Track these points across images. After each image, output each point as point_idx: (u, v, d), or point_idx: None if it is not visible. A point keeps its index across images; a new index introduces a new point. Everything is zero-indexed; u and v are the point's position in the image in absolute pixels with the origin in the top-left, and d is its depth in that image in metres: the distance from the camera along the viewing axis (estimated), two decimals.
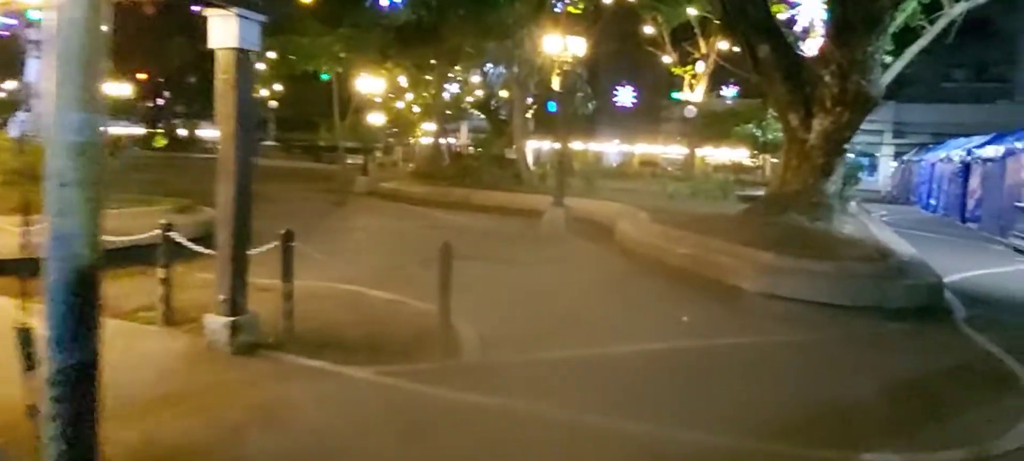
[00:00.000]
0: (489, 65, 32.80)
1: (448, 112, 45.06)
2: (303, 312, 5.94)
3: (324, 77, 34.17)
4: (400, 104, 39.58)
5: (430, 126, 42.94)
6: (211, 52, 5.18)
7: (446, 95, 41.64)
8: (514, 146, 24.55)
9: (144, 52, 53.49)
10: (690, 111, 29.18)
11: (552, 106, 35.30)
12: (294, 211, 16.58)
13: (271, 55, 38.06)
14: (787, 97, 10.42)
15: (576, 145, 36.55)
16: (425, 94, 33.29)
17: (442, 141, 34.41)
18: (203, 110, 64.88)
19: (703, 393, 5.22)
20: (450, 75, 37.05)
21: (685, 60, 29.99)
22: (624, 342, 6.33)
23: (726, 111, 38.15)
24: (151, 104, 63.77)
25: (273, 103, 52.57)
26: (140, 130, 64.71)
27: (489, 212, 17.57)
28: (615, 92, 52.07)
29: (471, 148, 33.14)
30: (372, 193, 23.56)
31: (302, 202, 19.41)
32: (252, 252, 5.54)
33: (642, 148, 57.62)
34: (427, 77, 30.36)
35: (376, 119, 37.80)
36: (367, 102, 36.55)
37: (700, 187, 18.11)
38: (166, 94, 64.13)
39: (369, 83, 25.59)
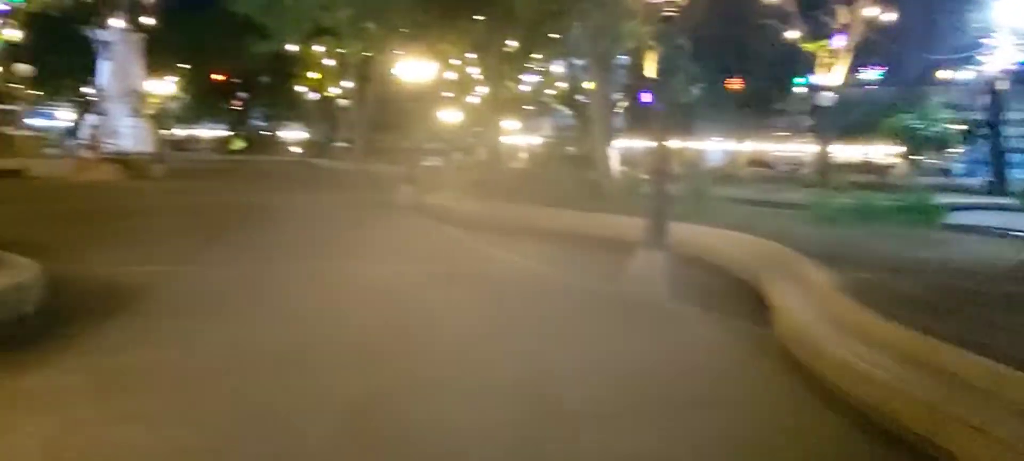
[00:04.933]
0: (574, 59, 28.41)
1: (528, 107, 40.57)
2: None
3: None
4: (475, 99, 35.94)
5: (510, 124, 38.39)
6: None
7: (525, 87, 37.38)
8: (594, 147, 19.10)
9: (217, 52, 51.91)
10: (827, 98, 22.87)
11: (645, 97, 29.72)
12: (283, 243, 11.91)
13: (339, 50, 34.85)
14: None
15: (673, 143, 30.83)
16: (497, 84, 28.98)
17: (515, 141, 29.82)
18: (284, 111, 63.05)
19: None
20: (527, 65, 32.84)
21: (817, 34, 24.15)
22: None
23: (862, 98, 31.74)
24: (231, 106, 62.82)
25: (345, 102, 49.67)
26: (224, 132, 64.07)
27: (555, 242, 12.27)
28: (718, 78, 45.03)
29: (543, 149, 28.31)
30: (418, 208, 18.89)
31: (316, 222, 14.91)
32: None
33: (749, 145, 51.08)
34: (495, 63, 25.91)
35: (453, 117, 34.14)
36: (435, 96, 32.76)
37: (872, 205, 11.65)
38: (243, 95, 62.83)
39: (420, 69, 20.94)
